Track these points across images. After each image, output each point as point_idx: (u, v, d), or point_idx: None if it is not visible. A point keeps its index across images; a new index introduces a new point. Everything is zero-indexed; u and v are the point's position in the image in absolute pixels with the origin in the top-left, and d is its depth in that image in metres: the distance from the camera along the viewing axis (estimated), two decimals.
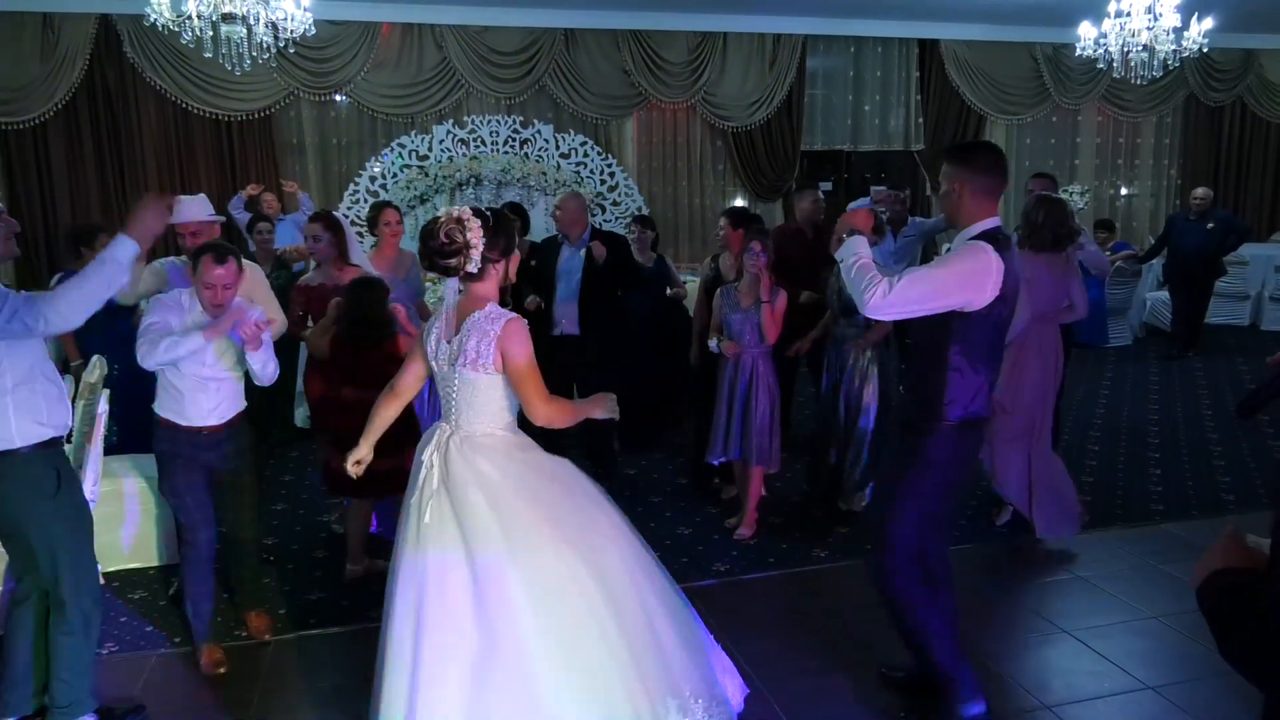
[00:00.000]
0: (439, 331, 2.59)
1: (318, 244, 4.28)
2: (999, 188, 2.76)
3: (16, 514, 2.70)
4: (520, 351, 2.50)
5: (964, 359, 2.71)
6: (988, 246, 2.64)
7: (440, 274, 2.55)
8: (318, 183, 9.24)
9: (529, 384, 2.53)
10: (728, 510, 4.87)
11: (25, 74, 8.05)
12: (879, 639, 3.54)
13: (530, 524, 2.46)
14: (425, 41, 9.00)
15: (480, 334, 2.49)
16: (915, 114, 10.66)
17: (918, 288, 2.62)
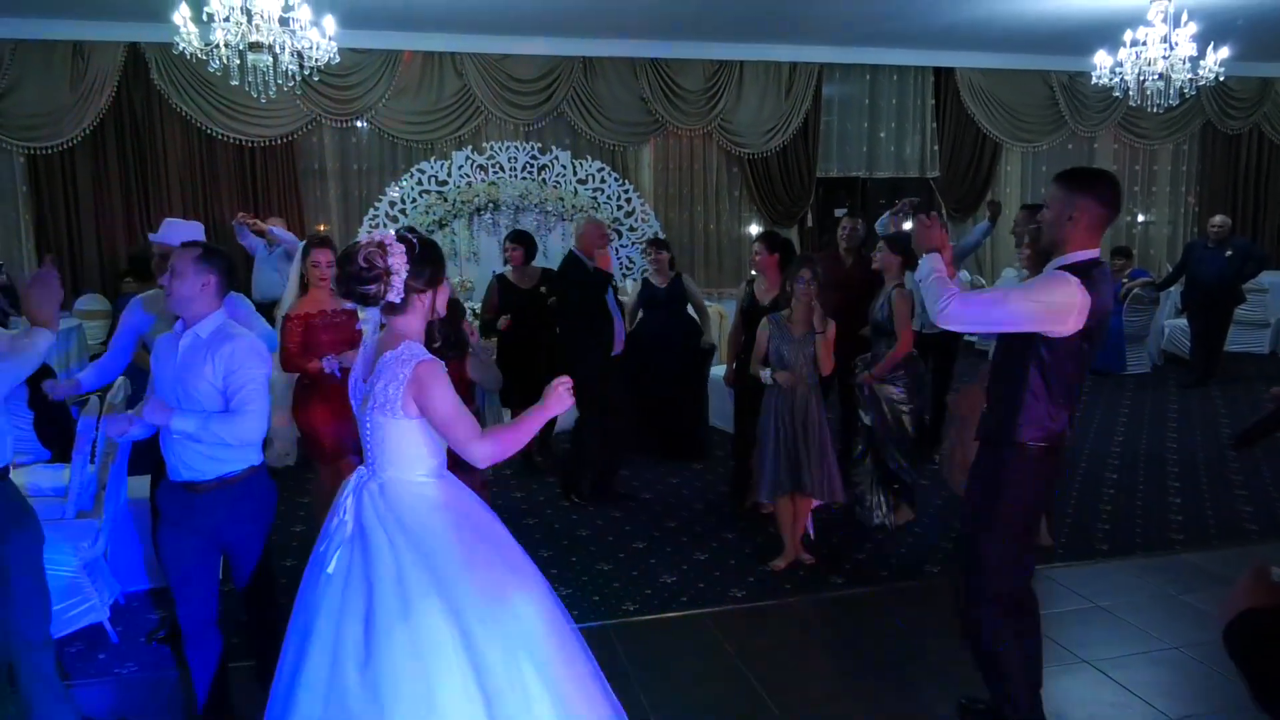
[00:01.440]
0: (357, 370, 2.44)
1: (330, 270, 4.16)
2: (1111, 221, 2.75)
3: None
4: (436, 395, 2.25)
5: (1042, 382, 2.70)
6: (1075, 280, 2.60)
7: (359, 303, 2.35)
8: (338, 207, 9.35)
9: (455, 429, 2.28)
10: (745, 536, 4.85)
11: (55, 100, 8.21)
12: (898, 669, 3.54)
13: (428, 585, 2.21)
14: (445, 69, 9.14)
15: (390, 377, 2.27)
16: (931, 141, 10.71)
17: (996, 310, 2.67)
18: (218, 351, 2.76)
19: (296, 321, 4.15)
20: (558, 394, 2.37)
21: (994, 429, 2.83)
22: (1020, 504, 2.81)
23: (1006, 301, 2.67)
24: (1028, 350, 2.70)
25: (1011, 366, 2.77)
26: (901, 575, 4.42)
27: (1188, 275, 8.72)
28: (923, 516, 5.16)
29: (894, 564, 4.55)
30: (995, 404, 2.85)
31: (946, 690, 3.31)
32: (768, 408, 4.42)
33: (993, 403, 2.87)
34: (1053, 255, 2.77)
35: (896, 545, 4.76)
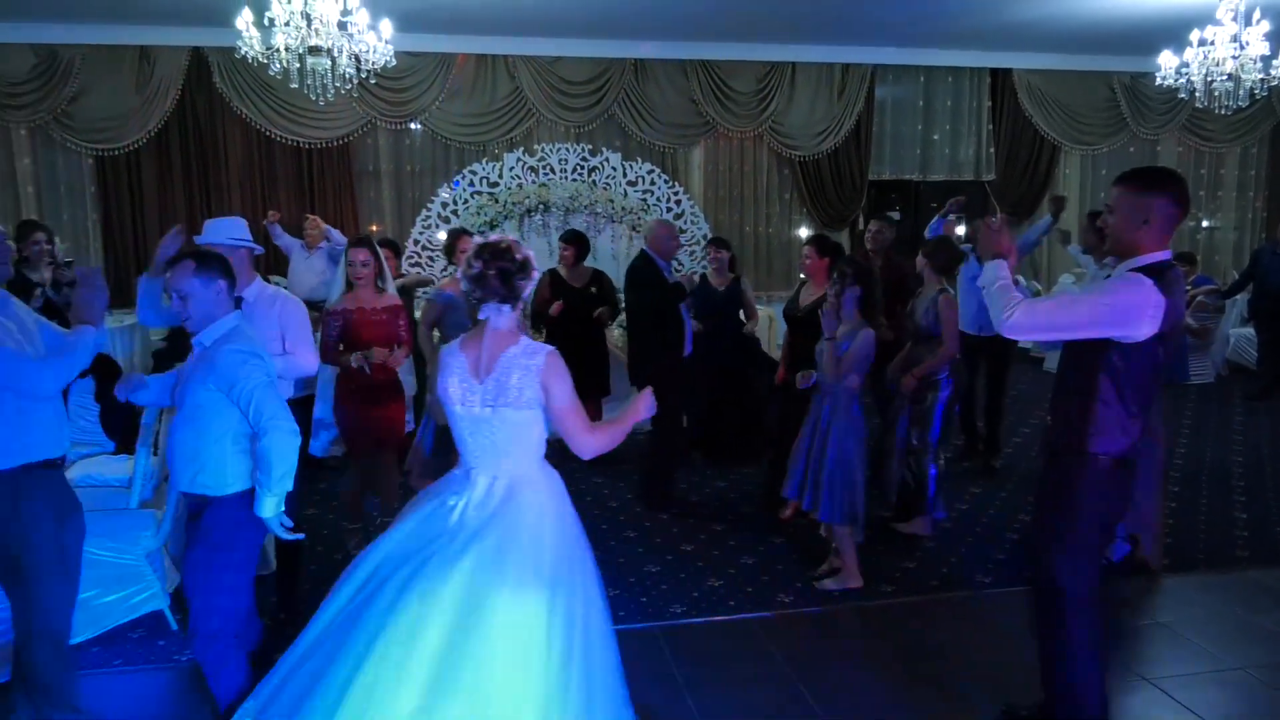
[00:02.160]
0: (461, 373, 2.48)
1: (365, 269, 4.34)
2: (1181, 221, 2.68)
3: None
4: (564, 385, 2.44)
5: (1113, 391, 2.62)
6: (1148, 281, 2.52)
7: (491, 300, 2.43)
8: (392, 208, 9.49)
9: (571, 418, 2.45)
10: (793, 541, 4.81)
11: (122, 104, 8.47)
12: (950, 681, 3.47)
13: (554, 568, 2.37)
14: (498, 71, 9.22)
15: (520, 370, 2.41)
16: (986, 144, 10.53)
17: (1065, 314, 2.59)
18: (214, 359, 2.71)
19: (336, 317, 4.32)
20: (646, 399, 2.59)
21: (1061, 440, 2.76)
22: (1092, 518, 2.74)
23: (1075, 307, 2.60)
24: (1098, 357, 2.62)
25: (1080, 374, 2.69)
26: (952, 585, 4.34)
27: (1255, 282, 8.45)
28: (975, 526, 5.07)
29: (945, 573, 4.47)
30: (1062, 414, 2.77)
31: (1000, 704, 3.24)
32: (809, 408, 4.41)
33: (1059, 413, 2.79)
34: (1122, 259, 2.70)
35: (948, 554, 4.68)
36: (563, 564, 2.41)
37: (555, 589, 2.35)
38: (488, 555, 2.33)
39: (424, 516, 2.48)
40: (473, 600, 2.27)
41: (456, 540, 2.36)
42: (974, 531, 4.99)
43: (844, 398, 4.18)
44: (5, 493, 2.68)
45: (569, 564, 2.43)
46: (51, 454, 2.79)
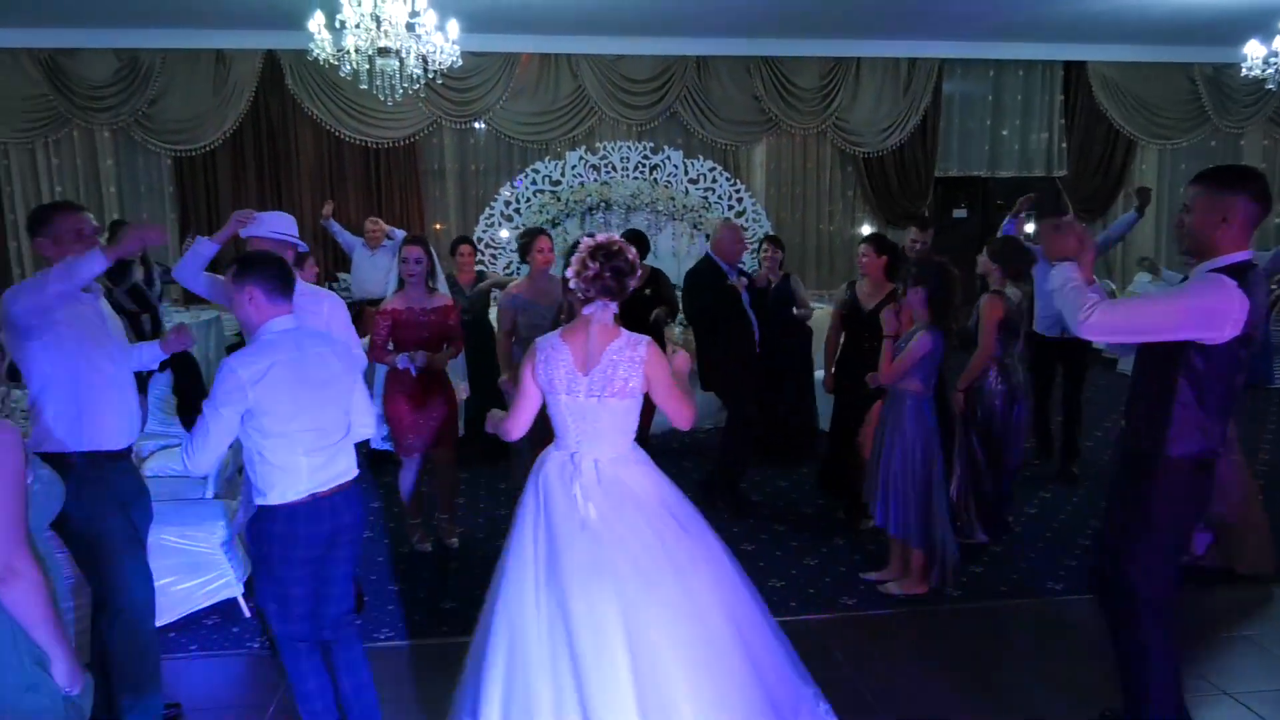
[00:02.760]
0: (566, 366, 2.60)
1: (418, 267, 4.37)
2: (1262, 219, 2.60)
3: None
4: (664, 371, 2.64)
5: (1193, 393, 2.54)
6: (1231, 282, 2.45)
7: (602, 297, 2.60)
8: (456, 206, 9.64)
9: (675, 399, 2.66)
10: (856, 543, 4.74)
11: (199, 106, 8.75)
12: (1014, 686, 3.39)
13: (685, 535, 2.60)
14: (561, 70, 9.28)
15: (625, 360, 2.59)
16: (1058, 139, 10.25)
17: (1144, 316, 2.53)
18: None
19: (385, 316, 4.36)
20: (681, 356, 2.79)
21: (1139, 443, 2.68)
22: (1169, 521, 2.66)
23: (1155, 309, 2.52)
24: (1178, 359, 2.54)
25: (1158, 377, 2.61)
26: (1021, 592, 4.23)
27: None
28: (1045, 531, 4.93)
29: (1014, 580, 4.36)
30: (1140, 417, 2.69)
31: (1075, 712, 3.15)
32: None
33: (1136, 416, 2.71)
34: (1200, 259, 2.61)
35: (1018, 560, 4.56)
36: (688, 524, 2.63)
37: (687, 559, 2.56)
38: (632, 549, 2.51)
39: (550, 521, 2.57)
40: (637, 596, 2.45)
41: (601, 542, 2.50)
42: (1044, 537, 4.86)
43: (903, 402, 4.07)
44: (69, 480, 2.67)
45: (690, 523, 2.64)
46: (115, 445, 2.87)
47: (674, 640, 2.43)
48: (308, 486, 2.61)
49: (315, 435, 2.61)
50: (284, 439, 2.57)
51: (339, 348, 2.79)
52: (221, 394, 2.50)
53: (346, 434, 2.74)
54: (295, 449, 2.58)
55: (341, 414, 2.72)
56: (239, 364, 2.52)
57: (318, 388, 2.63)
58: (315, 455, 2.61)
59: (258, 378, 2.51)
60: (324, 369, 2.67)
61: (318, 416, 2.63)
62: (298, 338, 2.66)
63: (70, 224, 2.84)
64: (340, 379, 2.72)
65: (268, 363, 2.54)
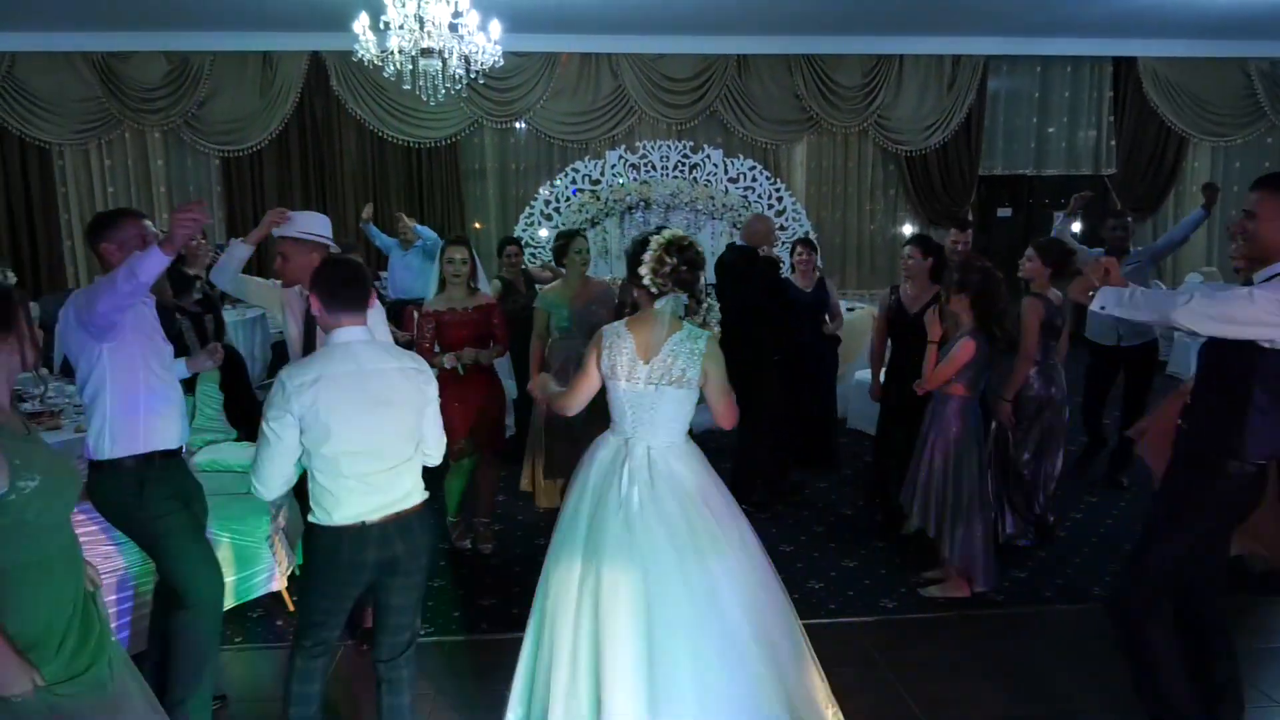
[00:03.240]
0: (629, 354, 2.74)
1: (464, 266, 4.35)
2: None
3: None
4: (720, 368, 2.75)
5: (1267, 396, 2.54)
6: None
7: (674, 291, 2.74)
8: (496, 206, 9.70)
9: (724, 397, 2.77)
10: (895, 545, 4.69)
11: (246, 107, 8.92)
12: (1057, 693, 3.33)
13: (718, 526, 2.68)
14: (601, 70, 9.30)
15: (685, 352, 2.70)
16: (1107, 136, 10.05)
17: (1242, 308, 2.50)
18: None
19: (429, 319, 4.35)
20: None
21: (1203, 446, 2.67)
22: (1227, 523, 2.71)
23: (1254, 302, 2.48)
24: (1251, 364, 2.53)
25: (1230, 384, 2.60)
26: (1067, 598, 4.16)
27: None
28: (1091, 536, 4.84)
29: (1059, 584, 4.28)
30: (1203, 422, 2.68)
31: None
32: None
33: (1200, 419, 2.69)
34: (1263, 265, 2.59)
35: (1063, 565, 4.48)
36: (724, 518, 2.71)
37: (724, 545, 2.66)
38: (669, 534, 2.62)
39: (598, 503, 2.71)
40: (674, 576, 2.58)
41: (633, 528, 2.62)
42: (1090, 542, 4.76)
43: (948, 405, 4.02)
44: (130, 481, 2.82)
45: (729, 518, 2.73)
46: (171, 445, 2.92)
47: (688, 627, 2.53)
48: (355, 513, 2.47)
49: (367, 459, 2.45)
50: (330, 460, 2.42)
51: (410, 367, 2.57)
52: (270, 406, 2.41)
53: (408, 459, 2.55)
54: (342, 472, 2.43)
55: (401, 438, 2.52)
56: (286, 374, 2.43)
57: (372, 407, 2.44)
58: (366, 480, 2.46)
59: (302, 390, 2.38)
60: (385, 388, 2.48)
61: (371, 438, 2.45)
62: (359, 351, 2.48)
63: (135, 230, 2.88)
64: (405, 400, 2.52)
65: (314, 375, 2.41)
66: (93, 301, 2.64)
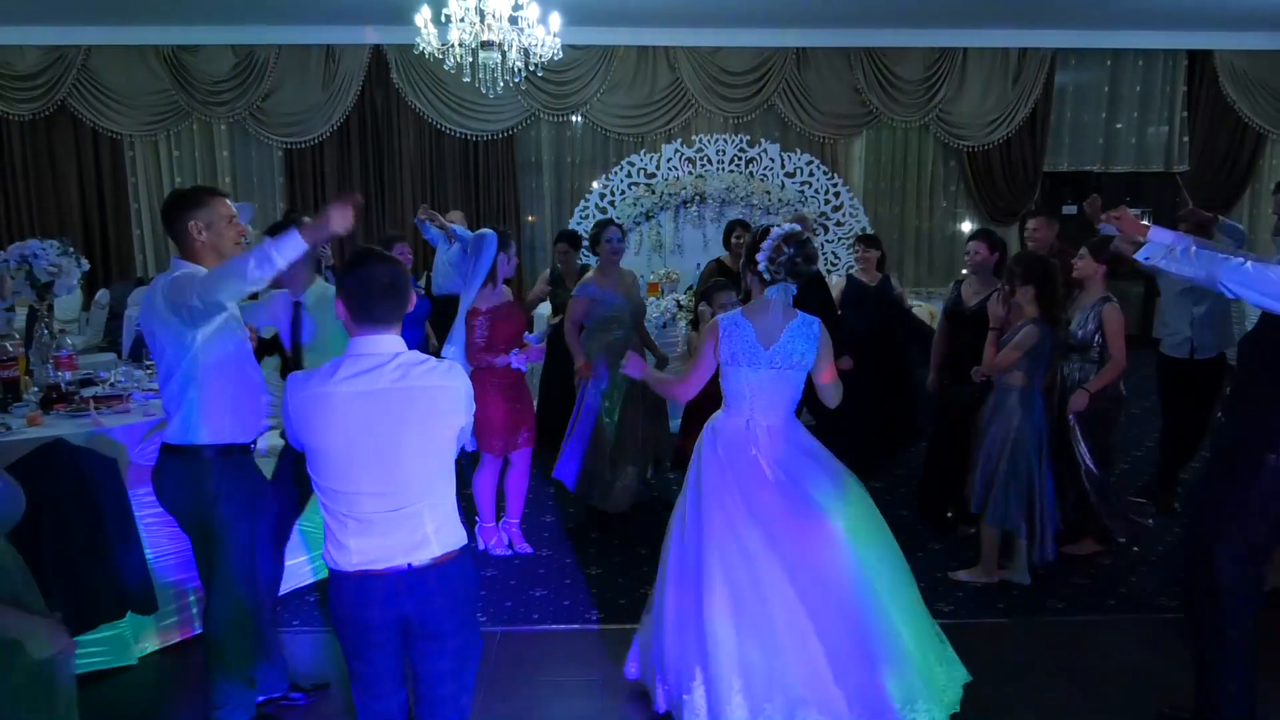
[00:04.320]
0: (749, 341, 2.96)
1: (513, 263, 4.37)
2: None
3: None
4: (830, 352, 3.01)
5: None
6: None
7: (786, 280, 2.97)
8: (551, 199, 9.73)
9: (832, 376, 3.04)
10: (952, 548, 4.60)
11: (309, 99, 9.07)
12: (1120, 701, 3.24)
13: (841, 487, 3.00)
14: (659, 63, 9.26)
15: (803, 337, 2.96)
16: (1180, 133, 9.71)
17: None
18: None
19: (481, 316, 4.23)
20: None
21: (1243, 439, 2.63)
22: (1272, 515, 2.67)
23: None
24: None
25: (1268, 374, 2.57)
26: (1130, 606, 4.03)
27: None
28: (1157, 545, 4.69)
29: (1122, 593, 4.16)
30: (1246, 414, 2.65)
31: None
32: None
33: (1241, 413, 2.68)
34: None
35: (1127, 573, 4.35)
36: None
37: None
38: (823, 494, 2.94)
39: (738, 476, 2.94)
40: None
41: (787, 493, 2.91)
42: (1157, 551, 4.61)
43: (1010, 394, 4.04)
44: (206, 469, 2.76)
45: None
46: (249, 438, 2.89)
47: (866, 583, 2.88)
48: (354, 561, 2.09)
49: (369, 499, 2.06)
50: (327, 492, 2.09)
51: (445, 385, 2.14)
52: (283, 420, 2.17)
53: (430, 498, 2.12)
54: (340, 508, 2.09)
55: (419, 473, 2.10)
56: (291, 383, 2.13)
57: (378, 436, 2.04)
58: (367, 521, 2.08)
59: (294, 405, 2.08)
60: (401, 413, 2.06)
61: (373, 475, 2.05)
62: (373, 367, 2.07)
63: (224, 209, 2.82)
64: (425, 430, 2.10)
65: (310, 392, 2.07)
66: (210, 286, 2.52)
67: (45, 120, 8.94)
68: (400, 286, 2.14)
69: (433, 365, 2.15)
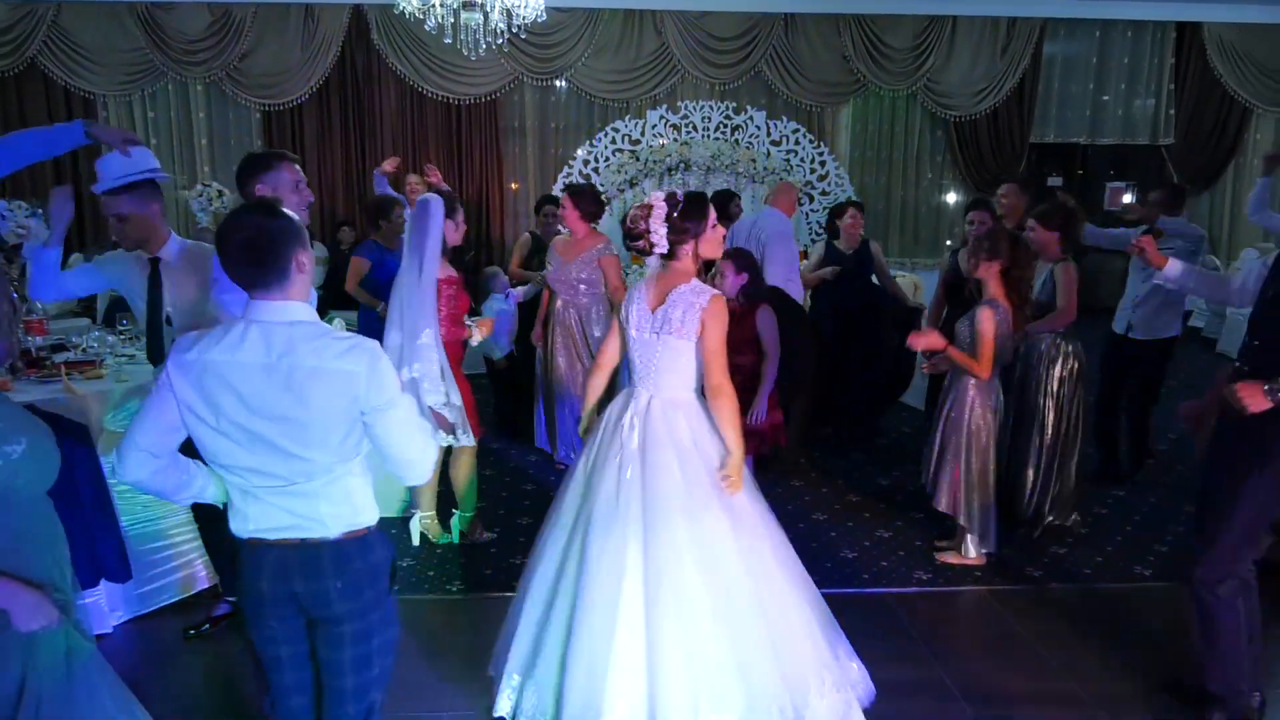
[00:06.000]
0: (639, 304, 2.81)
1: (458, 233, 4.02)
2: None
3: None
4: (718, 327, 2.69)
5: None
6: None
7: (639, 253, 2.81)
8: (535, 164, 9.62)
9: (715, 363, 2.70)
10: (933, 517, 4.61)
11: (287, 60, 8.88)
12: (1097, 671, 3.27)
13: (708, 488, 2.68)
14: (645, 27, 9.12)
15: (685, 305, 2.70)
16: (1166, 105, 9.70)
17: None
18: None
19: (448, 285, 3.95)
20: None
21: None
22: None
23: None
24: None
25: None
26: (1107, 575, 4.07)
27: None
28: (1134, 515, 4.72)
29: (1099, 562, 4.19)
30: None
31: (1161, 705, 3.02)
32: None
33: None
34: None
35: (1104, 543, 4.38)
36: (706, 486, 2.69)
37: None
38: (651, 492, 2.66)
39: (604, 448, 2.79)
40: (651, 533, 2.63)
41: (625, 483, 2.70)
42: (1133, 521, 4.65)
43: (962, 380, 3.97)
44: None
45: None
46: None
47: (676, 581, 2.57)
48: (249, 529, 1.97)
49: (252, 474, 1.92)
50: (209, 462, 1.98)
51: (338, 371, 1.86)
52: (158, 371, 2.04)
53: (323, 477, 1.93)
54: (229, 476, 1.96)
55: (300, 457, 1.89)
56: (176, 344, 1.93)
57: (257, 414, 1.86)
58: (252, 494, 1.95)
59: (184, 370, 1.88)
60: (279, 391, 1.85)
61: (252, 453, 1.89)
62: (268, 336, 1.86)
63: (292, 174, 2.76)
64: (307, 413, 1.85)
65: (196, 355, 1.88)
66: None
67: (15, 78, 8.72)
68: (260, 245, 1.84)
69: (328, 343, 1.87)
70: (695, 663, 2.54)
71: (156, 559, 3.60)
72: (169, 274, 3.11)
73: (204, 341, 1.88)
